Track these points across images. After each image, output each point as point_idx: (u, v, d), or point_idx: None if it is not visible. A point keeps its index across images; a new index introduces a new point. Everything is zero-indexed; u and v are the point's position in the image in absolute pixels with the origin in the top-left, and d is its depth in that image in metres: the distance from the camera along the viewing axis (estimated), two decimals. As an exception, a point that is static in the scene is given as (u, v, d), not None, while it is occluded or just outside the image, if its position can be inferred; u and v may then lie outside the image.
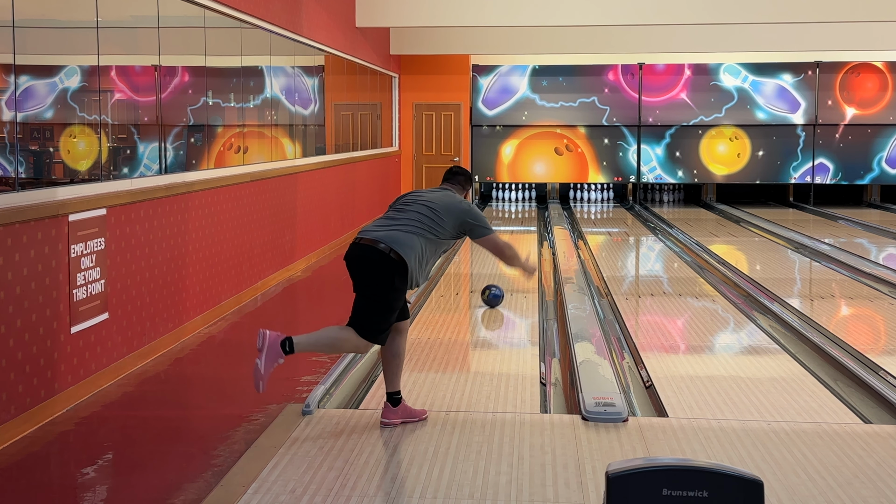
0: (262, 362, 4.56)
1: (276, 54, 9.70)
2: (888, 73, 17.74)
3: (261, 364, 4.56)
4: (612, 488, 2.91)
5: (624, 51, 17.06)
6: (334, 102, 12.55)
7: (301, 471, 4.23)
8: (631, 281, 10.16)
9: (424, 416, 4.97)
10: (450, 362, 6.31)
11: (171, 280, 6.80)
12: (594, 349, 6.49)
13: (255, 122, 9.18)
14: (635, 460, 3.06)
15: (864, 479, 4.17)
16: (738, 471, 2.95)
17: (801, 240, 12.80)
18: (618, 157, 18.23)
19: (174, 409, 5.62)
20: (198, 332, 7.22)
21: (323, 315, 8.41)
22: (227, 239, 8.00)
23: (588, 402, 5.05)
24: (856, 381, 5.93)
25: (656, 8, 13.42)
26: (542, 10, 13.46)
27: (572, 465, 4.31)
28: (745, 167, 18.08)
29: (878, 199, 18.43)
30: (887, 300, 8.60)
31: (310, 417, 4.98)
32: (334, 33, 12.10)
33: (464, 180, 5.19)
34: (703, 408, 5.27)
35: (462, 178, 5.20)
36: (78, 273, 5.41)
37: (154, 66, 6.98)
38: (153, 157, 6.97)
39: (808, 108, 17.85)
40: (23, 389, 4.87)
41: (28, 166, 5.47)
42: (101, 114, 6.15)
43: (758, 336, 7.22)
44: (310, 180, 10.93)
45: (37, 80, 5.47)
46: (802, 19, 13.42)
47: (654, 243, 13.26)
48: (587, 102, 18.07)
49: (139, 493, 4.20)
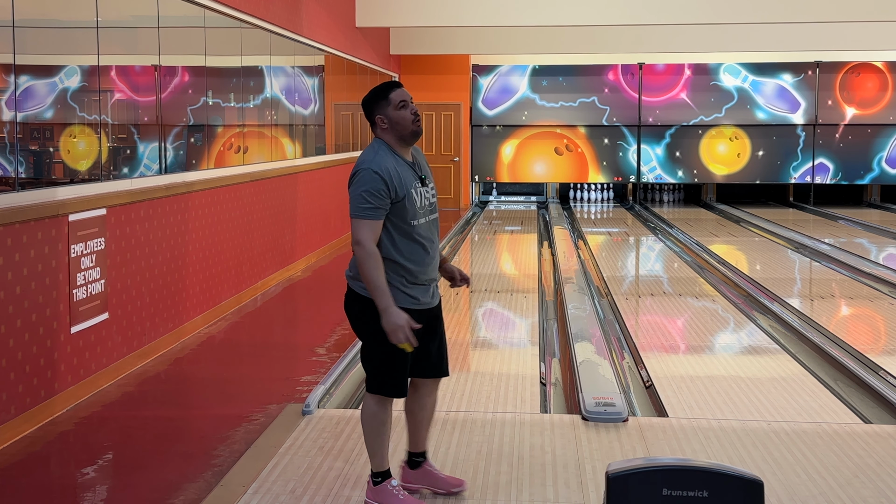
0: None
1: (276, 54, 9.70)
2: (888, 73, 17.73)
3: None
4: (612, 488, 2.91)
5: (624, 51, 17.05)
6: (334, 102, 12.55)
7: (301, 471, 4.23)
8: (631, 281, 10.16)
9: (457, 489, 3.96)
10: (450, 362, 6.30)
11: (171, 280, 6.80)
12: (594, 349, 6.49)
13: (255, 122, 9.18)
14: (635, 460, 3.06)
15: (864, 479, 4.17)
16: (738, 471, 2.95)
17: (801, 240, 12.80)
18: (618, 157, 18.22)
19: (174, 409, 5.62)
20: (198, 332, 7.22)
21: (323, 315, 8.41)
22: (227, 239, 8.00)
23: (588, 402, 5.05)
24: (856, 381, 5.93)
25: (656, 8, 13.42)
26: (542, 10, 13.46)
27: (572, 465, 4.31)
28: (745, 167, 18.08)
29: (878, 199, 18.43)
30: (887, 300, 8.60)
31: (310, 417, 4.98)
32: (334, 33, 12.10)
33: (366, 112, 3.75)
34: (703, 408, 5.27)
35: (364, 111, 3.76)
36: (78, 273, 5.41)
37: (154, 66, 6.98)
38: (153, 157, 6.97)
39: (808, 107, 17.85)
40: (23, 389, 4.87)
41: (28, 166, 5.47)
42: (101, 114, 6.15)
43: (758, 336, 7.22)
44: (310, 180, 10.93)
45: (37, 80, 5.47)
46: (802, 19, 13.41)
47: (654, 243, 13.26)
48: (587, 102, 18.07)
49: (139, 493, 4.20)
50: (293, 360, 6.71)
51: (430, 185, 3.78)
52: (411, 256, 3.67)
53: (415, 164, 3.74)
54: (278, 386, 5.83)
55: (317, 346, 6.94)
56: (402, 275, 3.67)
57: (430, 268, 3.75)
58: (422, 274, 3.71)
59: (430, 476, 3.96)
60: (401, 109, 3.66)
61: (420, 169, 3.75)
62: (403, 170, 3.66)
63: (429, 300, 3.78)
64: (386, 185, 3.57)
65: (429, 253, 3.71)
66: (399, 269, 3.66)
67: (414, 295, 3.70)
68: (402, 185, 3.62)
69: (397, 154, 3.69)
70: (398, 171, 3.63)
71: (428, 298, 3.77)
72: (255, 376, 6.23)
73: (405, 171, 3.66)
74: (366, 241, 3.55)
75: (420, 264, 3.69)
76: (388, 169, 3.60)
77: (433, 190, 3.80)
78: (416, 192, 3.67)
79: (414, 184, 3.67)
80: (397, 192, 3.60)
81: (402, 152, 3.71)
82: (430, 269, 3.74)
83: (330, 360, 6.31)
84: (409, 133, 3.67)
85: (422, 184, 3.72)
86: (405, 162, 3.70)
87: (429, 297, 3.77)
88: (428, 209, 3.74)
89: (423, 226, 3.69)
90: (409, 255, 3.66)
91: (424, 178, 3.75)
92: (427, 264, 3.72)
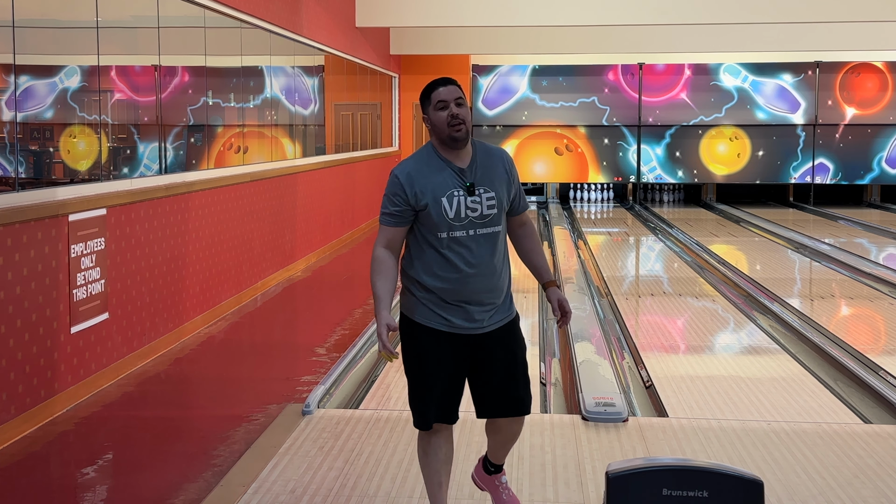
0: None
1: (276, 54, 9.70)
2: (888, 73, 17.73)
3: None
4: (612, 488, 2.91)
5: (624, 51, 17.05)
6: (334, 102, 12.55)
7: (301, 471, 4.23)
8: (631, 281, 10.16)
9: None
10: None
11: (171, 280, 6.80)
12: (594, 349, 6.49)
13: (255, 122, 9.18)
14: (635, 460, 3.07)
15: (864, 479, 4.17)
16: (738, 471, 2.95)
17: (801, 240, 12.80)
18: (618, 157, 18.22)
19: (174, 409, 5.62)
20: (198, 332, 7.22)
21: (323, 315, 8.41)
22: (227, 239, 7.99)
23: (588, 402, 5.05)
24: (856, 381, 5.93)
25: (656, 8, 13.42)
26: (542, 10, 13.46)
27: (572, 465, 4.31)
28: (745, 167, 18.08)
29: (878, 199, 18.43)
30: (887, 300, 8.60)
31: (310, 417, 4.98)
32: (334, 33, 12.10)
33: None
34: (703, 408, 5.27)
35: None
36: (78, 273, 5.41)
37: (154, 66, 6.98)
38: (153, 157, 6.97)
39: (808, 108, 17.85)
40: (23, 389, 4.87)
41: (28, 166, 5.47)
42: (101, 114, 6.15)
43: (758, 336, 7.22)
44: (310, 180, 10.93)
45: (37, 80, 5.47)
46: (802, 19, 13.42)
47: (654, 243, 13.26)
48: (587, 102, 18.07)
49: (139, 493, 4.20)
50: (293, 360, 6.71)
51: (486, 195, 3.30)
52: (439, 272, 3.28)
53: (465, 171, 3.31)
54: (278, 386, 5.83)
55: (317, 346, 6.94)
56: (432, 290, 3.30)
57: (469, 289, 3.28)
58: (452, 294, 3.28)
59: (494, 490, 3.66)
60: (438, 111, 3.29)
61: (471, 175, 3.31)
62: (439, 176, 3.29)
63: (466, 325, 3.32)
64: (403, 190, 3.26)
65: (463, 271, 3.26)
66: (420, 286, 3.32)
67: (445, 317, 3.31)
68: (428, 192, 3.25)
69: (442, 157, 3.32)
70: (429, 176, 3.28)
71: (464, 322, 3.31)
72: (255, 376, 6.23)
73: (441, 177, 3.28)
74: (375, 246, 3.33)
75: (450, 283, 3.27)
76: (411, 174, 3.29)
77: (490, 200, 3.30)
78: (453, 201, 3.26)
79: (451, 192, 3.27)
80: (417, 199, 3.26)
81: (451, 156, 3.32)
82: (466, 290, 3.28)
83: (330, 360, 6.31)
84: (446, 137, 3.29)
85: (468, 192, 3.27)
86: (449, 166, 3.30)
87: (466, 322, 3.31)
88: (473, 221, 3.28)
89: (458, 239, 3.27)
90: (437, 271, 3.28)
91: (472, 185, 3.29)
92: (462, 284, 3.27)
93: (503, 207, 3.36)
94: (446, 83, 3.33)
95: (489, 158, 3.38)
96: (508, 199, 3.39)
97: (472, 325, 3.32)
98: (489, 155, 3.39)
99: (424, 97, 3.35)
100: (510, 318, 3.42)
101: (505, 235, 3.42)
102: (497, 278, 3.34)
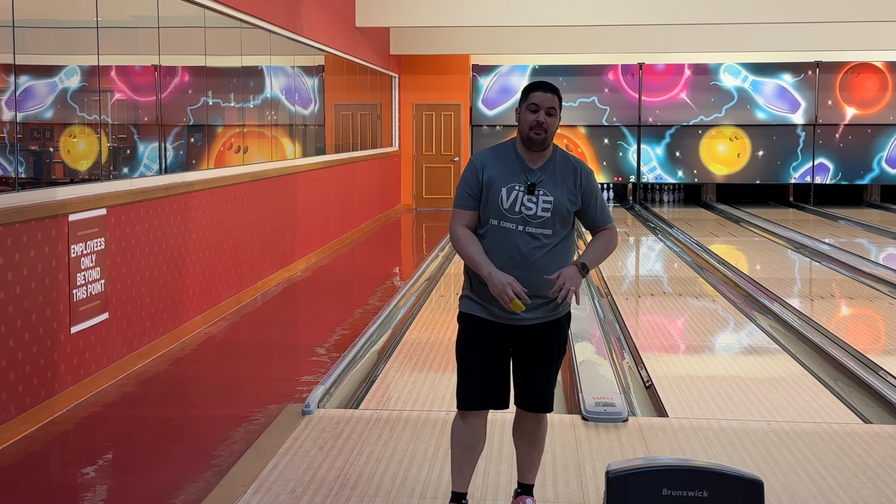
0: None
1: (276, 54, 9.70)
2: (888, 73, 17.73)
3: None
4: (612, 488, 2.92)
5: (624, 51, 17.06)
6: (334, 102, 12.55)
7: (301, 471, 4.23)
8: (631, 281, 10.16)
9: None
10: (450, 362, 6.30)
11: (171, 280, 6.80)
12: (594, 349, 6.49)
13: (255, 122, 9.18)
14: (635, 460, 3.07)
15: (864, 479, 4.17)
16: (738, 471, 2.95)
17: (801, 240, 12.80)
18: (618, 157, 18.23)
19: (174, 409, 5.62)
20: (198, 332, 7.22)
21: (323, 315, 8.41)
22: (227, 239, 8.00)
23: (588, 402, 5.05)
24: (856, 381, 5.93)
25: (656, 8, 13.42)
26: (542, 10, 13.46)
27: (572, 465, 4.31)
28: (745, 167, 18.08)
29: (878, 199, 18.43)
30: (887, 300, 8.60)
31: (310, 417, 4.98)
32: (334, 33, 12.10)
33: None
34: (703, 408, 5.27)
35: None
36: (78, 273, 5.41)
37: (154, 66, 6.98)
38: (153, 157, 6.97)
39: (808, 108, 17.85)
40: (23, 389, 4.87)
41: (28, 166, 5.47)
42: (101, 114, 6.15)
43: (758, 336, 7.22)
44: (310, 180, 10.93)
45: (37, 80, 5.47)
46: (802, 19, 13.42)
47: (654, 243, 13.27)
48: (587, 102, 18.07)
49: (139, 493, 4.20)
50: (293, 360, 6.71)
51: (543, 198, 3.41)
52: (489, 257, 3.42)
53: (534, 171, 3.44)
54: (278, 386, 5.83)
55: (317, 346, 6.94)
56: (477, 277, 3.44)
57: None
58: None
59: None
60: (529, 112, 3.42)
61: (537, 176, 3.43)
62: (508, 168, 3.44)
63: (506, 315, 3.43)
64: (477, 175, 3.44)
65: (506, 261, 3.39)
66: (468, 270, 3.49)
67: (486, 305, 3.45)
68: (496, 179, 3.41)
69: (518, 154, 3.47)
70: (500, 166, 3.44)
71: (504, 313, 3.43)
72: (255, 376, 6.24)
73: (509, 170, 3.43)
74: (451, 227, 3.49)
75: None
76: (486, 160, 3.46)
77: (547, 203, 3.41)
78: (512, 193, 3.40)
79: (513, 185, 3.41)
80: (485, 184, 3.42)
81: (526, 155, 3.46)
82: None
83: (330, 360, 6.31)
84: (525, 136, 3.43)
85: (528, 191, 3.40)
86: (521, 163, 3.45)
87: (506, 313, 3.43)
88: (525, 218, 3.40)
89: (507, 230, 3.40)
90: (488, 255, 3.42)
91: (534, 185, 3.41)
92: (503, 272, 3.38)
93: (561, 215, 3.46)
94: (547, 90, 3.44)
95: (564, 167, 3.49)
96: (571, 208, 3.48)
97: (510, 315, 3.43)
98: (566, 164, 3.50)
99: (524, 92, 3.48)
100: (556, 316, 3.52)
101: (563, 243, 3.50)
102: (540, 275, 3.41)
